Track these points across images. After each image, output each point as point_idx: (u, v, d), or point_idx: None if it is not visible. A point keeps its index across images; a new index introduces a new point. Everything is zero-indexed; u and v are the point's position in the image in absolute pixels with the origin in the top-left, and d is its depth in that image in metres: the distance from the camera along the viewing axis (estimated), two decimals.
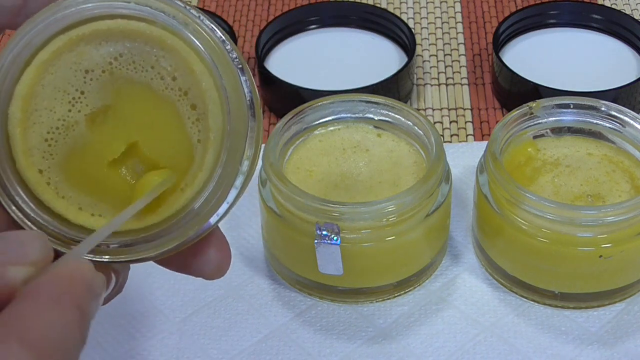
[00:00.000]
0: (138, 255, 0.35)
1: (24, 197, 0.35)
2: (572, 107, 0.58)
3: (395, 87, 0.69)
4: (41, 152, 0.35)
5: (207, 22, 0.35)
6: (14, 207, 0.35)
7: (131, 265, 0.37)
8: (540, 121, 0.58)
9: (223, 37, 0.35)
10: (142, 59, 0.35)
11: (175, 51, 0.35)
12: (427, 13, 0.82)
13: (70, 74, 0.35)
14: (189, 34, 0.35)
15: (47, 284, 0.30)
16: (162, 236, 0.35)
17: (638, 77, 0.68)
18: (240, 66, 0.35)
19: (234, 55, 0.35)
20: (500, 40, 0.73)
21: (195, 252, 0.37)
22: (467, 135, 0.69)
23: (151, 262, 0.36)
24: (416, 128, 0.57)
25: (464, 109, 0.72)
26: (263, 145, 0.58)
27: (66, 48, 0.35)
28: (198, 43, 0.35)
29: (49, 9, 0.34)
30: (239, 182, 0.35)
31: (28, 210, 0.35)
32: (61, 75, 0.35)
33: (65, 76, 0.35)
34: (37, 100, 0.35)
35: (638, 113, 0.57)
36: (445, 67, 0.76)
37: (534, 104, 0.58)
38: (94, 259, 0.35)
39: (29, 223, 0.35)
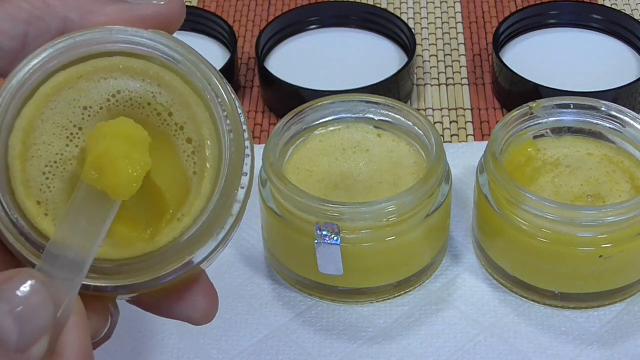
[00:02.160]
0: (129, 281, 0.35)
1: (24, 224, 0.35)
2: (572, 107, 0.58)
3: (395, 87, 0.69)
4: (39, 185, 0.35)
5: (201, 57, 0.36)
6: (11, 235, 0.35)
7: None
8: (540, 121, 0.58)
9: (216, 71, 0.36)
10: (138, 95, 0.36)
11: (172, 87, 0.36)
12: (427, 13, 0.82)
13: (69, 110, 0.36)
14: (185, 69, 0.36)
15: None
16: (154, 264, 0.36)
17: (638, 77, 0.68)
18: (234, 95, 0.36)
19: (228, 85, 0.36)
20: (500, 40, 0.73)
21: (182, 298, 0.37)
22: (467, 135, 0.69)
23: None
24: (416, 128, 0.57)
25: (464, 109, 0.72)
26: (262, 145, 0.58)
27: (66, 84, 0.36)
28: (196, 76, 0.36)
29: (50, 45, 0.35)
30: (234, 211, 0.36)
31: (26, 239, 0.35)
32: (60, 110, 0.36)
33: (64, 112, 0.36)
34: (36, 134, 0.35)
35: (638, 113, 0.57)
36: (445, 67, 0.76)
37: (534, 104, 0.58)
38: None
39: (27, 252, 0.35)
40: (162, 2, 0.37)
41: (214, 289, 0.38)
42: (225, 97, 0.36)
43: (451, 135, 0.69)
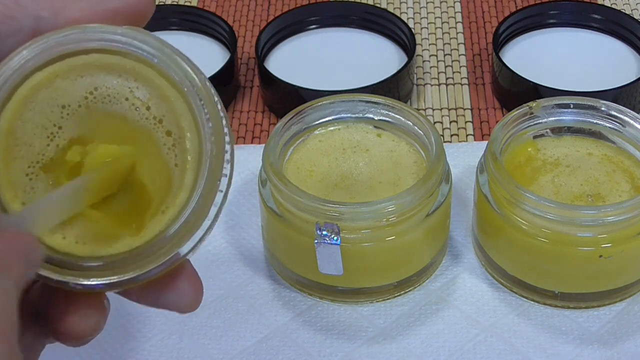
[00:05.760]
0: (120, 277, 0.36)
1: None
2: (572, 107, 0.58)
3: (395, 87, 0.69)
4: (23, 186, 0.36)
5: (175, 49, 0.36)
6: None
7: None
8: (540, 121, 0.58)
9: (192, 63, 0.36)
10: (116, 91, 0.36)
11: (148, 81, 0.36)
12: (427, 13, 0.82)
13: (48, 109, 0.36)
14: (161, 63, 0.36)
15: None
16: (143, 258, 0.36)
17: (638, 77, 0.68)
18: (209, 84, 0.36)
19: (204, 76, 0.36)
20: (500, 40, 0.73)
21: (169, 288, 0.37)
22: (467, 135, 0.69)
23: None
24: (416, 128, 0.57)
25: (464, 109, 0.72)
26: (263, 145, 0.58)
27: (43, 84, 0.36)
28: (172, 69, 0.36)
29: (25, 47, 0.35)
30: (217, 200, 0.36)
31: None
32: (39, 110, 0.36)
33: (43, 112, 0.36)
34: (17, 135, 0.36)
35: (638, 113, 0.57)
36: (445, 67, 0.76)
37: (534, 104, 0.58)
38: (61, 279, 0.35)
39: None
40: None
41: (198, 277, 0.38)
42: (202, 88, 0.36)
43: (451, 135, 0.69)
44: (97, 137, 0.36)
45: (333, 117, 0.59)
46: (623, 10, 0.78)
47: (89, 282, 0.35)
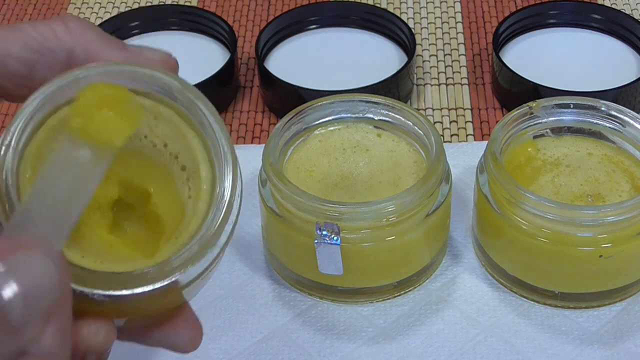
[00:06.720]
0: (128, 290, 0.36)
1: None
2: (572, 107, 0.58)
3: (395, 87, 0.69)
4: None
5: (193, 89, 0.38)
6: None
7: None
8: (540, 121, 0.58)
9: (208, 103, 0.38)
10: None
11: (167, 119, 0.38)
12: (427, 13, 0.82)
13: None
14: (180, 103, 0.38)
15: None
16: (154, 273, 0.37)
17: (638, 77, 0.68)
18: (218, 119, 0.38)
19: (219, 116, 0.38)
20: (500, 40, 0.73)
21: (168, 331, 0.38)
22: (467, 135, 0.69)
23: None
24: (416, 128, 0.57)
25: (464, 109, 0.72)
26: (263, 145, 0.58)
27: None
28: (190, 110, 0.38)
29: (55, 82, 0.36)
30: (228, 229, 0.37)
31: None
32: None
33: None
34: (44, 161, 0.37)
35: (638, 113, 0.57)
36: (445, 67, 0.76)
37: (534, 104, 0.58)
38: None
39: None
40: (164, 53, 0.39)
41: (197, 320, 0.39)
42: (218, 128, 0.37)
43: (451, 135, 0.69)
44: (115, 171, 0.37)
45: (333, 117, 0.59)
46: (623, 10, 0.78)
47: (96, 292, 0.36)
